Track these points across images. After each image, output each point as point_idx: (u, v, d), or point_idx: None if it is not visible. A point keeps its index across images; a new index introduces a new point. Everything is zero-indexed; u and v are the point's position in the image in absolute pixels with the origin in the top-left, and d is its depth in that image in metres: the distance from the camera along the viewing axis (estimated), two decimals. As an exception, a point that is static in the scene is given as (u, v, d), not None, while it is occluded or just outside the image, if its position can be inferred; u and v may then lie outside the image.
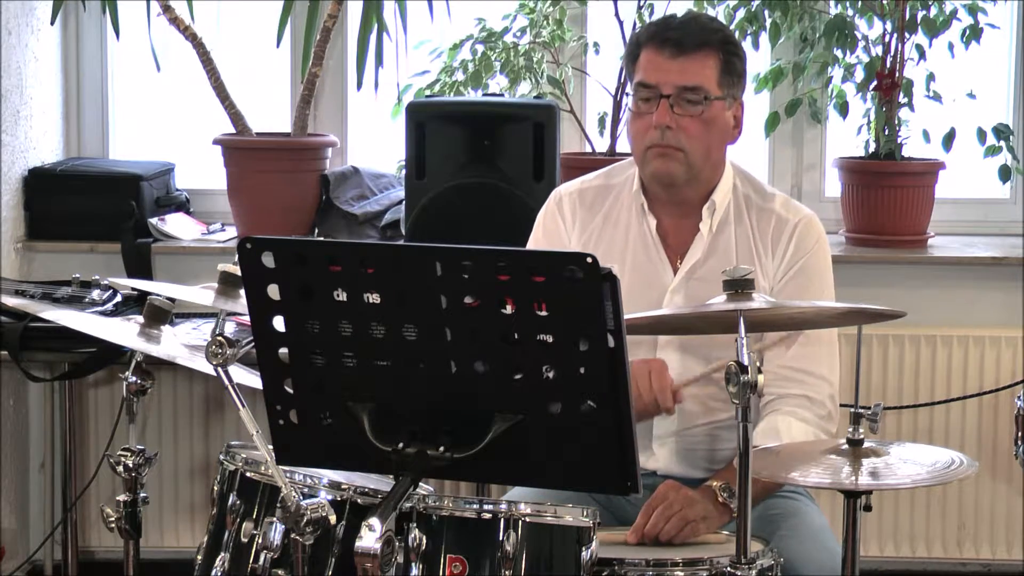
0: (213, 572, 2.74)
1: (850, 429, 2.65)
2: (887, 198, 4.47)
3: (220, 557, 2.75)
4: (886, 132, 4.47)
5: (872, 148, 4.54)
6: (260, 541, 2.64)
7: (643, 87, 3.03)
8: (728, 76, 3.03)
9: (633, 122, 3.06)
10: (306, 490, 2.60)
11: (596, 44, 4.57)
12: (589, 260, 2.18)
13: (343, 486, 2.63)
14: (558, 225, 3.19)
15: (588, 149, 4.56)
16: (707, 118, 3.01)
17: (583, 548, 2.53)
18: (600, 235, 3.16)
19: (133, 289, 3.93)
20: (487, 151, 4.07)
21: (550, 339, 2.24)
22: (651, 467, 3.11)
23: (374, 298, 2.28)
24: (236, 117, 4.47)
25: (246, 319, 2.43)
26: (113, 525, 2.93)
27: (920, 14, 4.43)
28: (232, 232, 4.58)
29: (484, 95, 4.42)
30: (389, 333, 2.29)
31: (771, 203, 3.13)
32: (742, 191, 3.13)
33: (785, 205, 3.14)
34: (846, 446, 2.64)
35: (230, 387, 2.51)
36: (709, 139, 3.03)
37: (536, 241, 3.22)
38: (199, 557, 2.81)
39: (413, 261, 2.29)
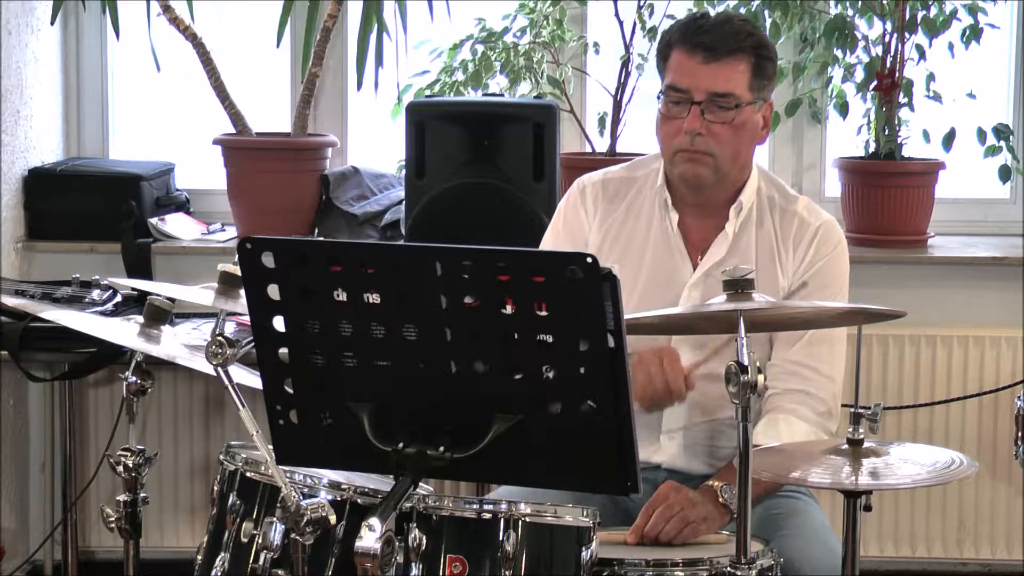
0: (213, 572, 2.74)
1: (850, 429, 2.65)
2: (887, 198, 4.46)
3: (220, 557, 2.74)
4: (886, 132, 4.47)
5: (872, 148, 4.54)
6: (260, 541, 2.64)
7: (674, 90, 3.02)
8: (759, 80, 3.03)
9: (663, 124, 3.05)
10: (306, 490, 2.59)
11: (596, 44, 4.57)
12: (589, 260, 2.18)
13: (343, 486, 2.63)
14: (579, 214, 3.19)
15: (588, 149, 4.55)
16: (737, 123, 3.01)
17: (583, 548, 2.53)
18: (621, 227, 3.15)
19: (133, 289, 3.92)
20: (487, 151, 4.06)
21: (550, 339, 2.24)
22: (656, 460, 3.11)
23: (374, 298, 2.28)
24: (236, 117, 4.47)
25: (246, 319, 2.42)
26: (113, 525, 2.93)
27: (920, 14, 4.43)
28: (232, 232, 4.57)
29: (484, 95, 4.42)
30: (389, 333, 2.29)
31: (794, 205, 3.15)
32: (766, 193, 3.14)
33: (808, 208, 3.16)
34: (846, 446, 2.65)
35: (230, 387, 2.51)
36: (738, 143, 3.04)
37: (556, 229, 3.22)
38: (199, 557, 2.80)
39: (413, 261, 2.29)
